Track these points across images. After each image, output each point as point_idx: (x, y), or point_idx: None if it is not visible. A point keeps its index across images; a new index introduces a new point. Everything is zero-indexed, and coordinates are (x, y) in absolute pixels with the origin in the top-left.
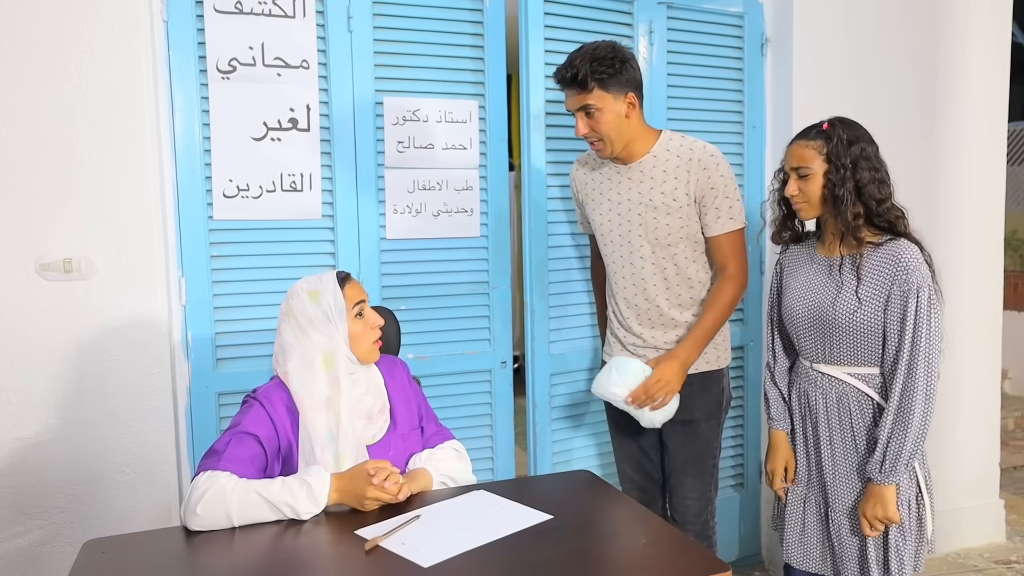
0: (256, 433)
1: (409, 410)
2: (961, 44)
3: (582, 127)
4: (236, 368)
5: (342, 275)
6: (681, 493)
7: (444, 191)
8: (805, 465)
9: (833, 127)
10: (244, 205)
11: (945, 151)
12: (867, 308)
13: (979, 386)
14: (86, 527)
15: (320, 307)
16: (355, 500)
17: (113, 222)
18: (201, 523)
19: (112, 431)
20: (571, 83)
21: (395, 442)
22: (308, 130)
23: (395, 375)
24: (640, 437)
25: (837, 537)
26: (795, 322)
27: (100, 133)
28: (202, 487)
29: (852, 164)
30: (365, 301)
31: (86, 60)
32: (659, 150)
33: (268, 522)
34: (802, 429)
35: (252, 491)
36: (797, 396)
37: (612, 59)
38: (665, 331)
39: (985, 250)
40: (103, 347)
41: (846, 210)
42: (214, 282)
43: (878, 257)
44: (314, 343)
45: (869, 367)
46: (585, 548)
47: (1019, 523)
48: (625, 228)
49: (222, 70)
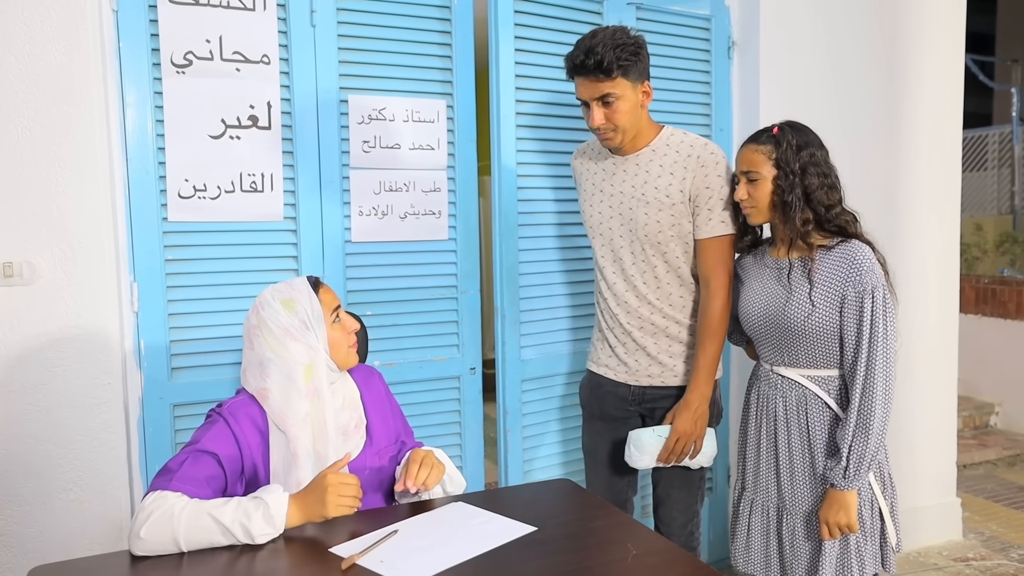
0: (216, 452)
1: (386, 424)
2: (918, 53)
3: (598, 117)
4: (193, 378)
5: (313, 280)
6: (668, 505)
7: (411, 192)
8: (755, 468)
9: (783, 132)
10: (201, 206)
11: (903, 155)
12: (821, 311)
13: (936, 387)
14: (29, 552)
15: (296, 315)
16: (319, 507)
17: (58, 223)
18: (145, 547)
19: (58, 447)
20: (593, 70)
21: (370, 460)
22: (269, 128)
23: (372, 386)
24: (614, 456)
25: (790, 541)
26: (752, 327)
27: (43, 128)
28: (148, 508)
29: (801, 170)
30: (341, 305)
31: (27, 50)
32: (658, 144)
33: (219, 547)
34: (756, 431)
35: (202, 513)
36: (756, 398)
37: (633, 45)
38: (656, 337)
39: (942, 253)
40: (47, 357)
41: (795, 216)
42: (169, 287)
43: (831, 259)
44: (293, 354)
45: (828, 369)
46: (574, 560)
47: (973, 520)
48: (616, 222)
49: (177, 64)
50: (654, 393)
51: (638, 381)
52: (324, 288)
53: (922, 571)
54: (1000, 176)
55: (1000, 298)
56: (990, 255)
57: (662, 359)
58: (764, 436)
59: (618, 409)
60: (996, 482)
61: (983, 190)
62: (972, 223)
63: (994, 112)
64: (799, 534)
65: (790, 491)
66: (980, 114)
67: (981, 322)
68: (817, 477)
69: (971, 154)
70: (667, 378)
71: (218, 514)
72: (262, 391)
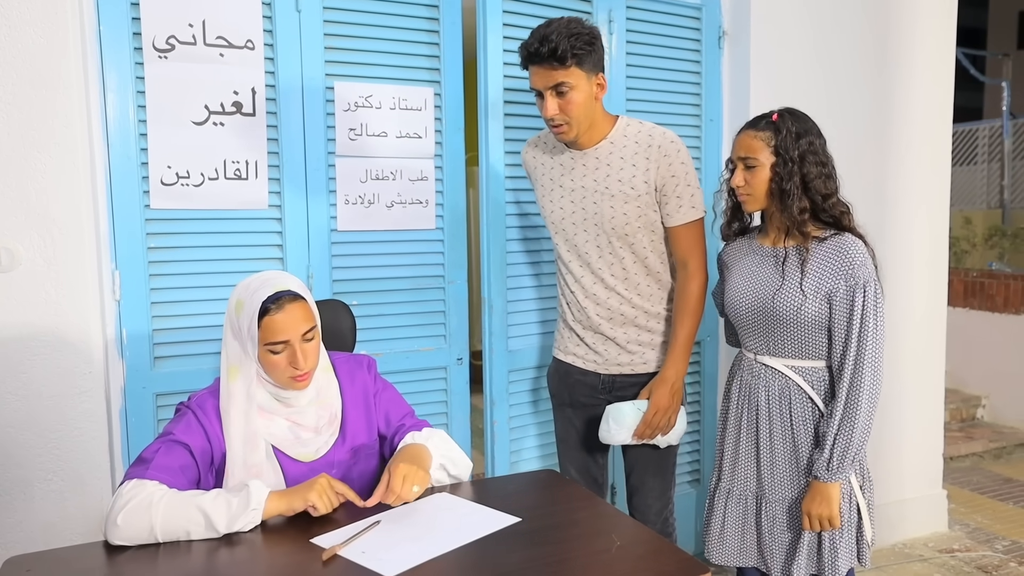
0: (188, 443)
1: (369, 420)
2: (909, 45)
3: (552, 107)
4: (175, 367)
5: (271, 303)
6: (642, 493)
7: (398, 181)
8: (732, 458)
9: (783, 119)
10: (184, 193)
11: (893, 148)
12: (811, 302)
13: (924, 380)
14: (8, 542)
15: (239, 320)
16: (302, 491)
17: (37, 210)
18: (121, 536)
19: (37, 436)
20: (547, 58)
21: (340, 458)
22: (254, 115)
23: (355, 381)
24: (588, 441)
25: (769, 530)
26: (738, 315)
27: (21, 111)
28: (127, 495)
29: (800, 158)
30: (289, 343)
31: (4, 32)
32: (616, 136)
33: (202, 538)
34: (736, 420)
35: (182, 502)
36: (739, 387)
37: (588, 35)
38: (625, 327)
39: (931, 246)
40: (27, 345)
41: (792, 204)
42: (151, 275)
43: (823, 251)
44: (228, 348)
45: (813, 360)
46: (558, 551)
47: (959, 512)
48: (579, 216)
49: (159, 48)
50: (623, 381)
51: (608, 370)
52: (279, 316)
53: (907, 562)
54: (990, 170)
55: (988, 291)
56: (979, 248)
57: (631, 348)
58: (745, 425)
59: (588, 397)
60: (982, 474)
61: (973, 184)
62: (961, 216)
63: (985, 106)
64: (778, 523)
65: (771, 480)
66: (971, 108)
67: (969, 315)
68: (799, 467)
69: (961, 148)
70: (636, 366)
71: (199, 502)
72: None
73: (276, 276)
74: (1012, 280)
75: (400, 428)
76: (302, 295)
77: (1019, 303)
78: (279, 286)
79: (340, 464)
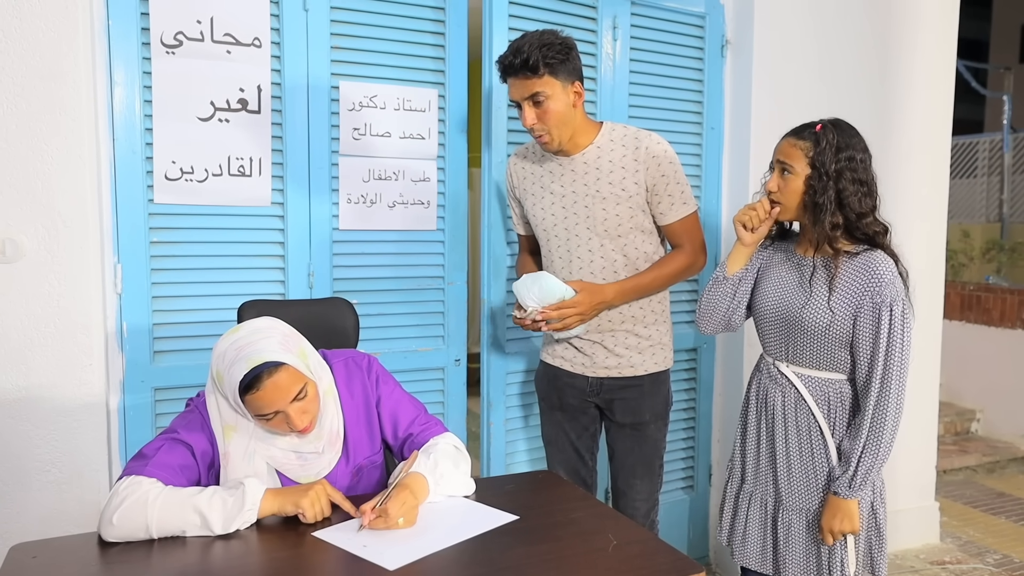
0: (190, 443)
1: (371, 433)
2: (910, 57)
3: (530, 117)
4: (175, 361)
5: (247, 380)
6: (629, 496)
7: (400, 181)
8: (755, 462)
9: (825, 130)
10: (188, 189)
11: (892, 159)
12: (839, 320)
13: (919, 392)
14: (4, 532)
15: (223, 389)
16: (298, 493)
17: (42, 201)
18: (116, 534)
19: (36, 427)
20: (520, 69)
21: (343, 477)
22: (259, 112)
23: (353, 389)
24: (577, 444)
25: (784, 535)
26: (763, 319)
27: (30, 104)
28: (122, 493)
29: (836, 173)
30: (281, 412)
31: (15, 24)
32: (602, 141)
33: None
34: (756, 424)
35: (177, 500)
36: (756, 391)
37: (561, 45)
38: (613, 331)
39: (929, 259)
40: (28, 336)
41: (824, 219)
42: (153, 269)
43: (852, 267)
44: (221, 409)
45: (829, 372)
46: (555, 549)
47: (951, 525)
48: (571, 221)
49: (167, 44)
50: (612, 384)
51: (596, 373)
52: (261, 391)
53: (899, 573)
54: (989, 184)
55: (985, 305)
56: (976, 262)
57: (619, 351)
58: (763, 430)
59: (576, 399)
60: (975, 488)
61: (972, 197)
62: (960, 229)
63: (986, 119)
64: (794, 530)
65: (787, 487)
66: (972, 121)
67: (965, 329)
68: (816, 476)
69: (961, 161)
70: (624, 369)
71: (195, 501)
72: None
73: (251, 343)
74: (1009, 294)
75: (408, 439)
76: (283, 360)
77: (1015, 317)
78: (253, 360)
79: (342, 482)
